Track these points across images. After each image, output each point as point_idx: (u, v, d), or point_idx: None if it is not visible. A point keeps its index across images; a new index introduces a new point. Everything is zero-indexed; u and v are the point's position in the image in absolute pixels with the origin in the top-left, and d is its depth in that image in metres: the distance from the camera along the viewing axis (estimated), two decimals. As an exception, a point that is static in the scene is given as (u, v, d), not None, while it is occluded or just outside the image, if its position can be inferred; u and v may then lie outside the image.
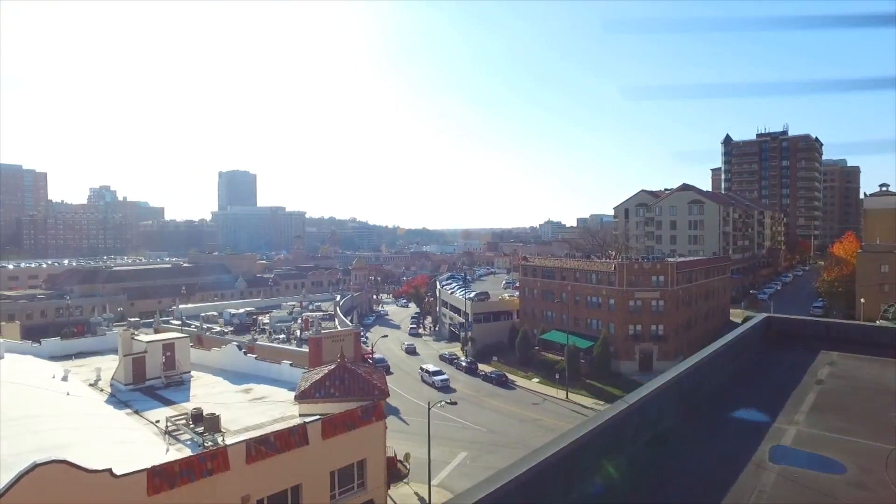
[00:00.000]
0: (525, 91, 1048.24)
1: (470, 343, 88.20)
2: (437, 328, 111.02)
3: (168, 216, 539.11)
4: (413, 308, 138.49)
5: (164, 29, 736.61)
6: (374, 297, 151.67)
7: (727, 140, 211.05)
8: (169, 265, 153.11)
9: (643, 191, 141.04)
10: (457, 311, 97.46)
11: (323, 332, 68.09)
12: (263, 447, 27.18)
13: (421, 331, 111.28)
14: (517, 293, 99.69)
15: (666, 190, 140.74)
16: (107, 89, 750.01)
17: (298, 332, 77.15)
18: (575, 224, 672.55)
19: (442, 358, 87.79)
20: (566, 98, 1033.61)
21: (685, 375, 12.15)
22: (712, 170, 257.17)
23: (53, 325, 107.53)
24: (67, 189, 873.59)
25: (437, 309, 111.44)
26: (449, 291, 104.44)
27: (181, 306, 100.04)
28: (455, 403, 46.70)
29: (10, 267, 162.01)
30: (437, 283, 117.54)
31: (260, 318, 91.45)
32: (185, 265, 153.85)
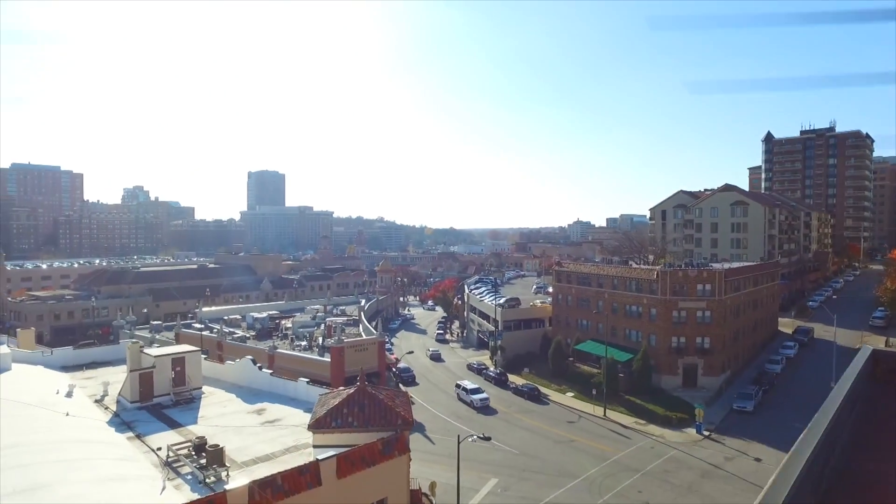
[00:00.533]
0: (553, 92, 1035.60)
1: (499, 352, 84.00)
2: (464, 334, 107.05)
3: (198, 216, 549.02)
4: (440, 312, 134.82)
5: (197, 32, 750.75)
6: (401, 299, 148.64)
7: (768, 138, 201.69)
8: (195, 266, 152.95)
9: (681, 191, 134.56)
10: (486, 317, 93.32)
11: (346, 340, 64.95)
12: (269, 490, 23.70)
13: (448, 336, 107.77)
14: (549, 299, 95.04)
15: (706, 191, 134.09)
16: (143, 91, 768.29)
17: (321, 339, 74.20)
18: (604, 224, 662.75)
19: (470, 368, 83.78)
20: (595, 98, 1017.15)
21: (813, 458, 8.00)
22: (750, 169, 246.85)
23: (80, 326, 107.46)
24: (103, 189, 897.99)
25: (465, 314, 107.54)
26: (478, 296, 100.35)
27: (204, 309, 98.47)
28: (489, 439, 42.40)
29: (44, 267, 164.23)
30: (466, 286, 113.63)
31: (283, 322, 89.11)
32: (211, 266, 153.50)
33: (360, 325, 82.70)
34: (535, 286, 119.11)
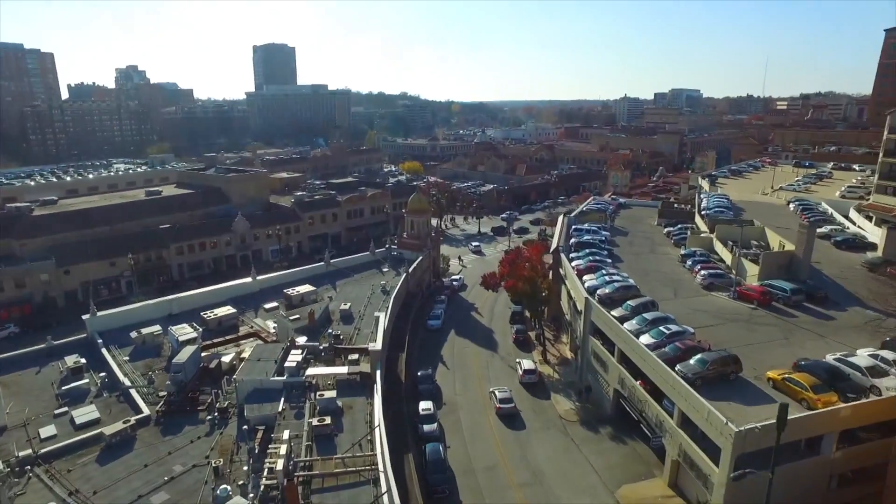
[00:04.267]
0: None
1: None
2: (573, 360, 55.90)
3: (202, 99, 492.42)
4: (494, 254, 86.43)
5: None
6: (444, 226, 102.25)
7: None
8: (144, 194, 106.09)
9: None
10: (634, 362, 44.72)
11: None
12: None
13: (536, 364, 55.43)
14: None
15: None
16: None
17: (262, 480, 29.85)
18: (651, 98, 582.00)
19: None
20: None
21: None
22: (887, 31, 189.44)
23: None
24: (97, 72, 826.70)
25: (572, 319, 57.62)
26: (614, 317, 44.61)
27: (105, 313, 54.57)
28: None
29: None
30: (563, 258, 62.78)
31: (223, 356, 44.98)
32: (166, 195, 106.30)
33: (376, 383, 37.55)
34: (690, 260, 59.75)
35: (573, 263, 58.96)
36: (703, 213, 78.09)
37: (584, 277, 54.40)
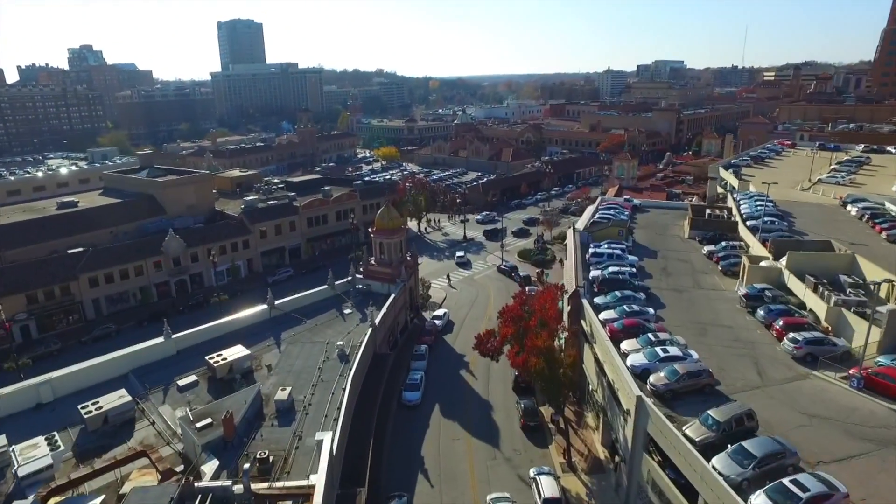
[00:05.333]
0: None
1: None
2: (607, 456, 39.87)
3: (164, 81, 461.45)
4: (482, 269, 69.09)
5: None
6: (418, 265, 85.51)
7: None
8: (56, 207, 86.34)
9: None
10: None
11: None
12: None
13: (561, 464, 40.62)
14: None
15: None
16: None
17: None
18: (634, 71, 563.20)
19: None
20: None
21: None
22: None
23: None
24: (49, 54, 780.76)
25: (605, 401, 38.58)
26: (681, 435, 30.45)
27: None
28: None
29: None
30: (586, 307, 44.80)
31: None
32: (83, 208, 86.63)
33: None
34: (763, 310, 42.65)
35: (602, 317, 42.62)
36: (747, 222, 62.24)
37: (623, 345, 38.19)
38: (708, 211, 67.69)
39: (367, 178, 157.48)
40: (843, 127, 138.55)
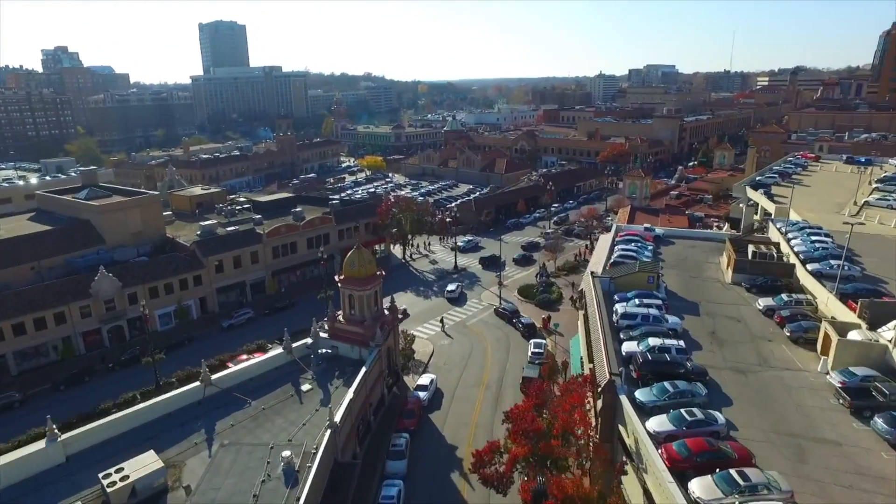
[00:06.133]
0: None
1: None
2: None
3: (141, 85, 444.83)
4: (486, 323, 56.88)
5: None
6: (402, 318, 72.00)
7: None
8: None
9: None
10: None
11: None
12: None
13: None
14: None
15: None
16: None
17: None
18: (626, 75, 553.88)
19: None
20: None
21: None
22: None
23: None
24: (24, 56, 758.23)
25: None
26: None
27: None
28: None
29: None
30: (627, 408, 32.34)
31: None
32: (1, 237, 72.98)
33: None
34: (880, 419, 30.11)
35: (650, 427, 30.05)
36: (807, 265, 50.15)
37: (694, 489, 25.66)
38: (752, 248, 55.45)
39: (348, 192, 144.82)
40: (866, 137, 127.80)
